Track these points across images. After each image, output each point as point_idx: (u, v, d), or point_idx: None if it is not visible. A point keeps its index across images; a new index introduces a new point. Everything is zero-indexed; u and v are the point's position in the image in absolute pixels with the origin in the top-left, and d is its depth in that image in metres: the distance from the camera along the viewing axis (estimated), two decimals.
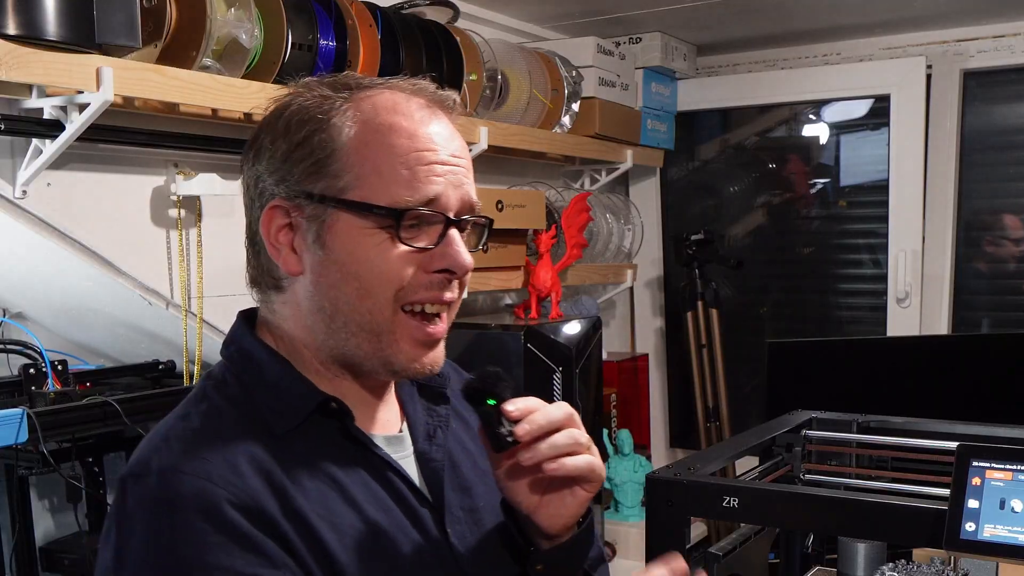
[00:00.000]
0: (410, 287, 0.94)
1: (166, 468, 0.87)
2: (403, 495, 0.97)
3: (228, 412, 0.94)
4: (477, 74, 2.41)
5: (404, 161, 0.93)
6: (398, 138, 0.94)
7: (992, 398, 2.34)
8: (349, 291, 0.94)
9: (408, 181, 0.93)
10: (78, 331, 2.13)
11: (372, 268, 0.93)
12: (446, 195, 0.94)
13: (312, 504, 0.90)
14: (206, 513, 0.84)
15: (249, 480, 0.87)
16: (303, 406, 0.95)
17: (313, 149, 0.94)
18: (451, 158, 0.96)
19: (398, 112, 0.96)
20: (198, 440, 0.90)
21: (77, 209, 1.77)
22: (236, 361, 1.00)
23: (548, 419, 0.93)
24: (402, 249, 0.93)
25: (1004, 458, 1.12)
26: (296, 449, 0.93)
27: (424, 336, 0.96)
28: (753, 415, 3.39)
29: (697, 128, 3.69)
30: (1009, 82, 3.17)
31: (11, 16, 1.44)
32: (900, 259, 3.20)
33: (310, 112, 0.95)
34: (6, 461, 1.81)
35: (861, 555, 1.41)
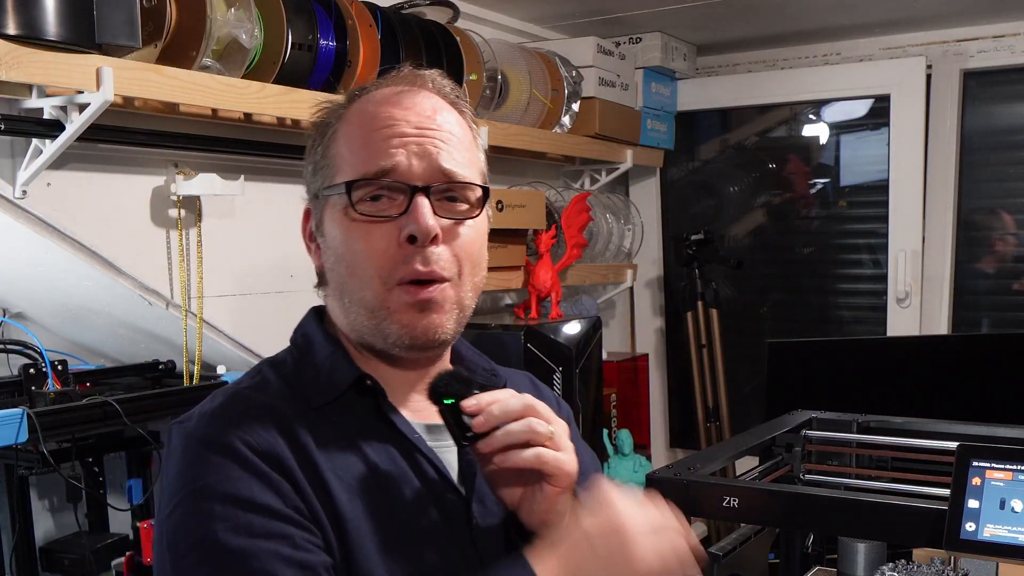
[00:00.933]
0: (391, 263, 0.97)
1: (205, 413, 0.97)
2: (429, 478, 1.00)
3: (275, 384, 1.01)
4: (477, 74, 2.41)
5: (365, 140, 0.99)
6: (361, 122, 1.01)
7: (992, 398, 2.34)
8: (342, 271, 1.00)
9: (365, 156, 0.98)
10: (78, 331, 2.13)
11: (350, 246, 0.99)
12: (406, 164, 0.97)
13: (333, 467, 0.94)
14: (231, 451, 0.91)
15: (273, 435, 0.93)
16: (341, 382, 1.00)
17: (315, 153, 1.04)
18: (416, 130, 0.99)
19: (374, 100, 1.02)
20: (239, 399, 0.98)
21: (77, 209, 1.77)
22: (298, 344, 1.07)
23: (503, 410, 0.94)
24: (365, 221, 0.97)
25: (1004, 458, 1.12)
26: (330, 421, 0.98)
27: (412, 298, 0.98)
28: (753, 415, 3.39)
29: (697, 128, 3.69)
30: (1009, 82, 3.17)
31: (11, 16, 1.44)
32: (900, 259, 3.20)
33: (317, 123, 1.06)
34: (6, 461, 1.81)
35: (861, 555, 1.41)
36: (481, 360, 1.16)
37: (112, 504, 1.97)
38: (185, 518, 0.90)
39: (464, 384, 0.96)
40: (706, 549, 1.43)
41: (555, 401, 1.24)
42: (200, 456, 0.92)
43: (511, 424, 0.94)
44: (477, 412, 0.94)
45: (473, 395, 0.95)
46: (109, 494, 2.02)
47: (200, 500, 0.89)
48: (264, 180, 2.12)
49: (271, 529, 0.88)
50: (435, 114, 1.01)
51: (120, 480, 2.04)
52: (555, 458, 0.95)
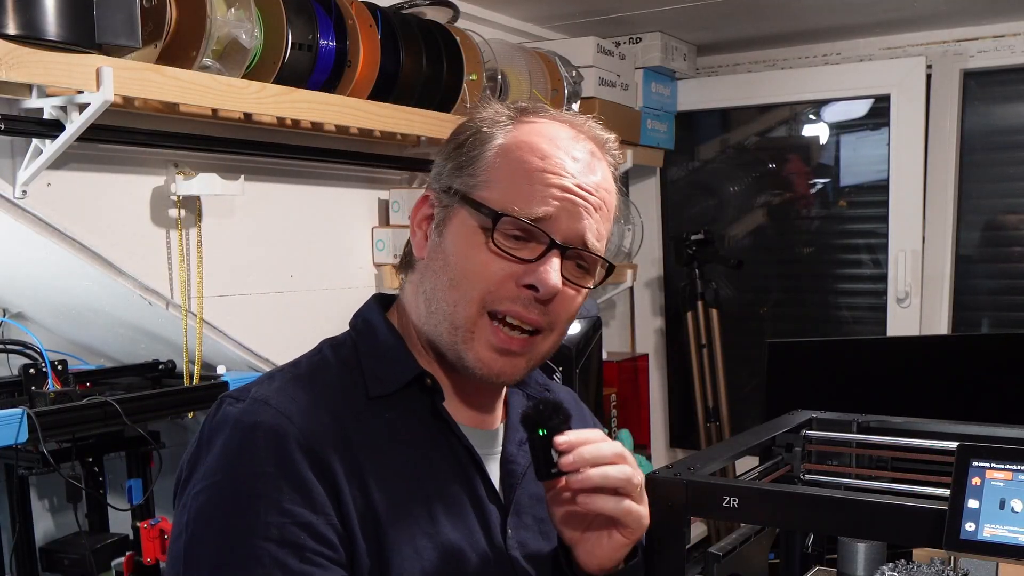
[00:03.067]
0: (497, 294, 0.98)
1: (258, 396, 0.95)
2: (474, 485, 1.01)
3: (334, 368, 1.01)
4: (477, 74, 2.41)
5: (529, 177, 0.99)
6: (533, 156, 1.00)
7: (992, 398, 2.34)
8: (444, 280, 1.00)
9: (525, 195, 0.98)
10: (78, 331, 2.13)
11: (465, 263, 0.99)
12: (557, 219, 0.98)
13: (378, 470, 0.94)
14: (275, 445, 0.91)
15: (324, 435, 0.93)
16: (401, 376, 1.01)
17: (466, 151, 1.03)
18: (578, 188, 0.99)
19: (544, 136, 1.02)
20: (296, 383, 0.98)
21: (77, 209, 1.77)
22: (358, 329, 1.07)
23: (595, 454, 0.94)
24: (496, 253, 0.97)
25: (1004, 458, 1.11)
26: (384, 415, 0.98)
27: (499, 341, 0.99)
28: (753, 415, 3.39)
29: (697, 128, 3.69)
30: (1009, 82, 3.17)
31: (11, 16, 1.44)
32: (900, 259, 3.20)
33: (476, 123, 1.05)
34: (6, 461, 1.81)
35: (861, 555, 1.41)
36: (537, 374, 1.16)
37: (112, 504, 1.97)
38: (211, 504, 0.90)
39: (561, 417, 0.96)
40: (706, 549, 1.43)
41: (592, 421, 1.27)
42: (244, 444, 0.91)
43: (609, 468, 0.94)
44: (568, 449, 0.94)
45: (565, 430, 0.95)
46: (109, 494, 2.02)
47: (230, 492, 0.90)
48: (264, 180, 2.12)
49: (286, 536, 0.88)
50: (595, 175, 1.02)
51: (120, 480, 2.04)
52: (639, 512, 0.97)
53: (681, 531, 1.28)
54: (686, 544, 1.30)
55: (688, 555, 1.30)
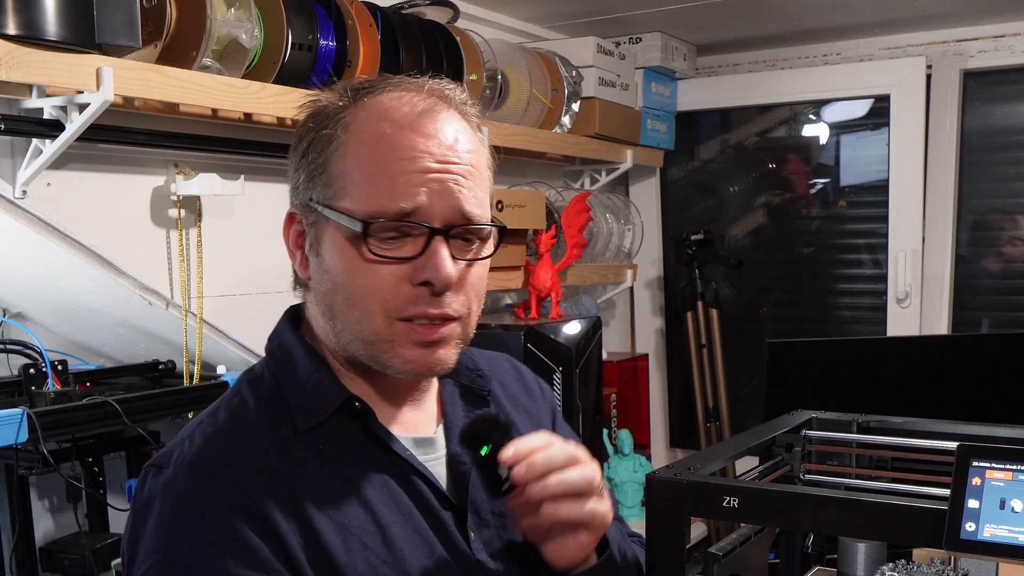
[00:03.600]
0: (396, 301, 0.92)
1: (182, 463, 0.90)
2: (425, 498, 0.97)
3: (255, 409, 0.95)
4: (477, 74, 2.41)
5: (384, 171, 0.92)
6: (380, 147, 0.92)
7: (992, 398, 2.34)
8: (340, 300, 0.95)
9: (387, 192, 0.91)
10: (78, 331, 2.13)
11: (355, 280, 0.93)
12: (429, 205, 0.91)
13: (322, 507, 0.90)
14: (207, 513, 0.86)
15: (257, 483, 0.88)
16: (328, 404, 0.95)
17: (312, 158, 0.96)
18: (439, 164, 0.92)
19: (386, 118, 0.94)
20: (217, 437, 0.92)
21: (77, 209, 1.77)
22: (276, 357, 1.01)
23: (547, 462, 0.91)
24: (378, 262, 0.91)
25: (1004, 458, 1.11)
26: (318, 448, 0.93)
27: (420, 336, 0.94)
28: (753, 415, 3.39)
29: (697, 128, 3.69)
30: (1009, 82, 3.17)
31: (11, 16, 1.44)
32: (900, 259, 3.20)
33: (314, 120, 0.97)
34: (6, 461, 1.81)
35: (861, 555, 1.41)
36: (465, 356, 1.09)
37: (112, 504, 1.97)
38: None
39: (501, 430, 0.92)
40: (706, 549, 1.43)
41: (537, 384, 1.22)
42: (176, 516, 0.87)
43: (566, 474, 0.91)
44: (515, 462, 0.90)
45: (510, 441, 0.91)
46: (109, 494, 2.02)
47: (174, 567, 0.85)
48: (264, 180, 2.12)
49: None
50: (456, 143, 0.95)
51: (120, 480, 2.04)
52: (603, 512, 0.94)
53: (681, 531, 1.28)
54: (686, 544, 1.30)
55: (688, 555, 1.30)
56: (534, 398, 1.19)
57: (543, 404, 1.21)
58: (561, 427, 1.21)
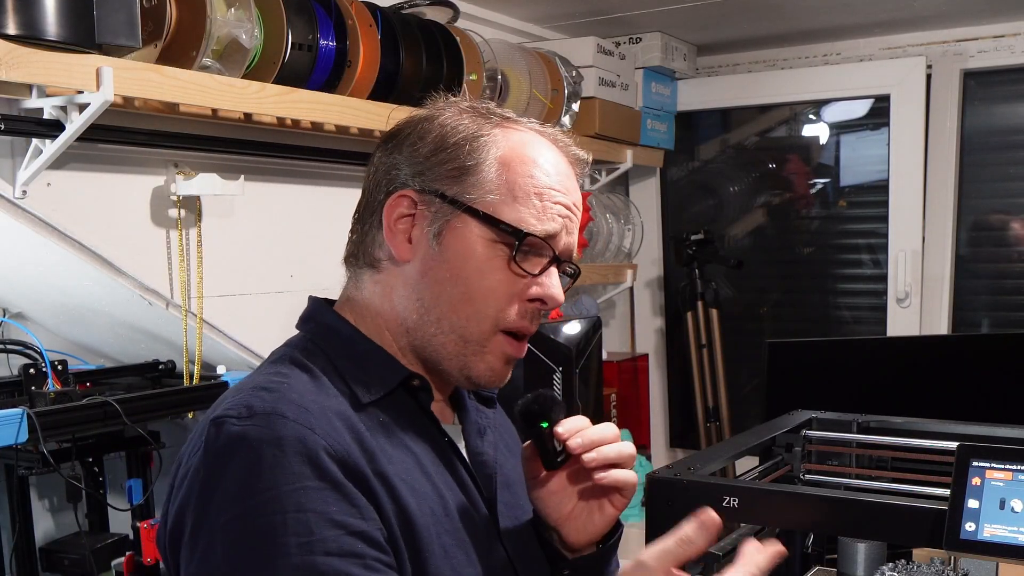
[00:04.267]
0: (510, 311, 1.01)
1: (270, 411, 0.89)
2: (464, 479, 1.03)
3: (317, 374, 0.98)
4: (477, 74, 2.41)
5: (539, 193, 1.01)
6: (538, 171, 1.02)
7: (992, 398, 2.34)
8: (454, 292, 1.00)
9: (537, 211, 1.00)
10: (78, 331, 2.13)
11: (481, 278, 0.99)
12: (560, 235, 1.02)
13: (395, 468, 0.94)
14: (307, 457, 0.86)
15: (344, 435, 0.91)
16: (390, 379, 1.00)
17: (461, 156, 1.02)
18: (573, 205, 1.04)
19: (540, 150, 1.04)
20: (294, 392, 0.92)
21: (77, 209, 1.77)
22: (319, 334, 1.03)
23: (599, 434, 1.00)
24: (511, 269, 1.00)
25: (1004, 458, 1.12)
26: (379, 418, 0.98)
27: (514, 353, 1.03)
28: (753, 415, 3.39)
29: (697, 128, 3.69)
30: (1009, 82, 3.18)
31: (11, 16, 1.44)
32: (900, 259, 3.20)
33: (464, 124, 1.04)
34: (6, 461, 1.81)
35: (861, 555, 1.41)
36: None
37: (112, 504, 1.97)
38: (250, 532, 0.84)
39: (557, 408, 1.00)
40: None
41: None
42: (275, 460, 0.85)
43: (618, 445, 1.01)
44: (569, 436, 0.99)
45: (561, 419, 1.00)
46: (109, 494, 2.02)
47: (271, 512, 0.84)
48: (264, 180, 2.12)
49: (344, 547, 0.85)
50: (579, 196, 1.07)
51: (120, 480, 2.04)
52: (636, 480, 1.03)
53: None
54: None
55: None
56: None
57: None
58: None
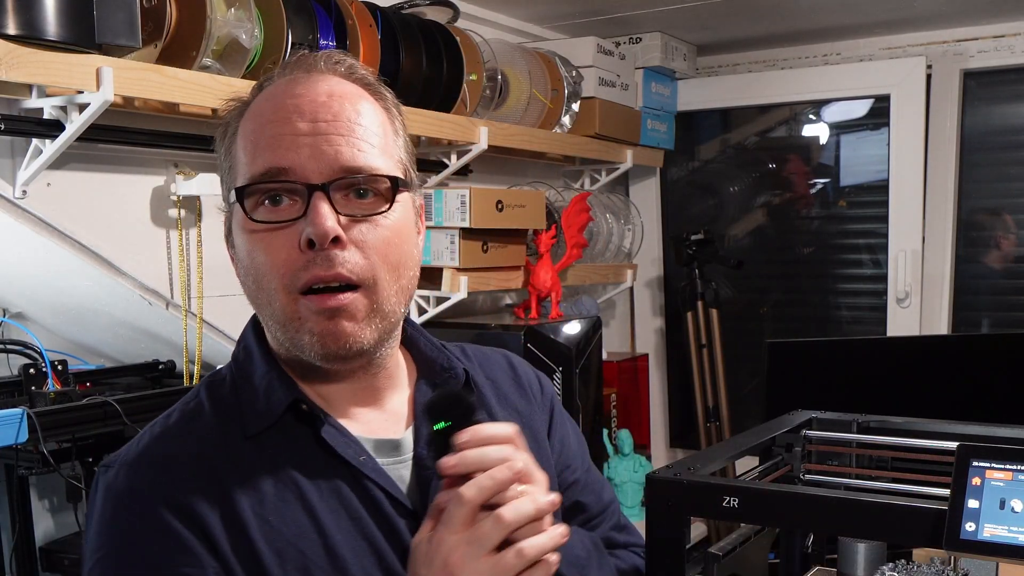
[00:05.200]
0: (290, 269, 0.89)
1: (125, 461, 0.92)
2: (378, 503, 0.93)
3: (208, 412, 0.95)
4: (477, 74, 2.41)
5: (254, 140, 0.92)
6: (255, 119, 0.93)
7: (992, 398, 2.34)
8: (251, 284, 0.94)
9: (259, 156, 0.91)
10: (78, 331, 2.13)
11: (254, 259, 0.92)
12: (302, 163, 0.89)
13: (260, 511, 0.89)
14: (141, 510, 0.88)
15: (191, 484, 0.89)
16: (275, 407, 0.93)
17: (222, 154, 0.97)
18: (310, 123, 0.90)
19: (271, 95, 0.94)
20: (163, 438, 0.93)
21: (77, 209, 1.77)
22: (238, 360, 1.00)
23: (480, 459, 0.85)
24: (261, 230, 0.90)
25: (1004, 458, 1.11)
26: (266, 452, 0.92)
27: (320, 303, 0.89)
28: (753, 415, 3.39)
29: (697, 128, 3.69)
30: (1009, 82, 3.18)
31: (11, 16, 1.44)
32: (900, 259, 3.20)
33: (224, 115, 0.99)
34: (6, 461, 1.81)
35: (861, 555, 1.41)
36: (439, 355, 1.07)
37: None
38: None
39: (465, 411, 0.88)
40: (706, 549, 1.43)
41: (536, 381, 1.19)
42: (118, 515, 0.89)
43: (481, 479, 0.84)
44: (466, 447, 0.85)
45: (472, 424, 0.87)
46: None
47: (117, 566, 0.87)
48: None
49: None
50: (332, 100, 0.92)
51: None
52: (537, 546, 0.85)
53: (681, 531, 1.28)
54: (686, 544, 1.30)
55: (688, 555, 1.30)
56: (528, 397, 1.16)
57: (538, 403, 1.17)
58: (559, 422, 1.18)
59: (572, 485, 1.16)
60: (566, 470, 1.16)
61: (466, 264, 2.36)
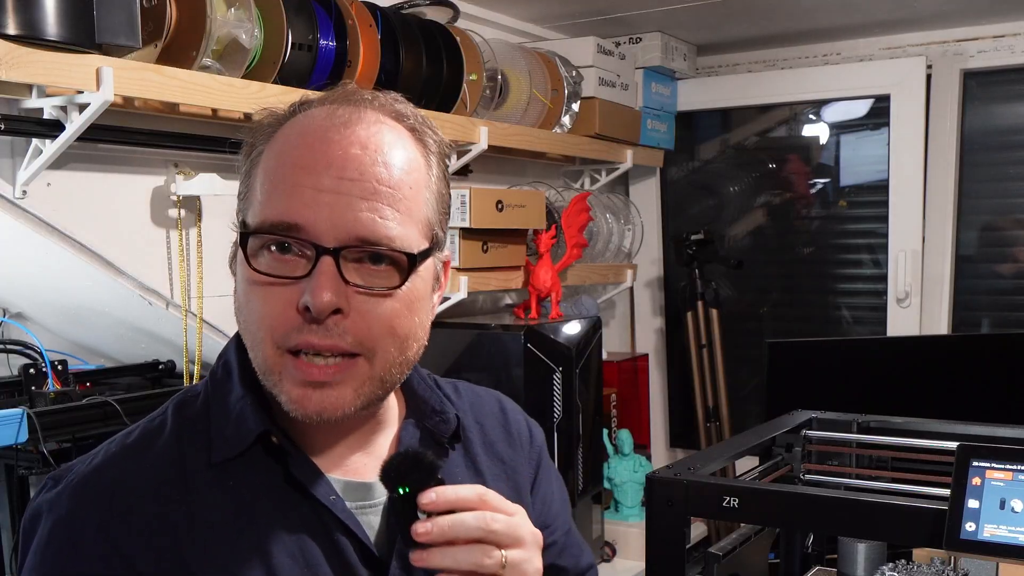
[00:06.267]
0: (282, 328, 0.84)
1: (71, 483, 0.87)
2: (341, 550, 0.88)
3: (170, 433, 0.89)
4: (477, 74, 2.41)
5: (280, 181, 0.84)
6: (283, 157, 0.85)
7: (992, 398, 2.34)
8: (241, 321, 0.89)
9: (276, 202, 0.84)
10: (78, 331, 2.13)
11: (249, 302, 0.86)
12: (317, 221, 0.82)
13: (208, 554, 0.84)
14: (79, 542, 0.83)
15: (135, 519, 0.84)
16: (245, 435, 0.87)
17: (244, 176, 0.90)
18: (335, 180, 0.83)
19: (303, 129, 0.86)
20: (115, 461, 0.88)
21: (77, 209, 1.77)
22: (216, 378, 0.94)
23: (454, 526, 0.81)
24: (261, 282, 0.84)
25: (1004, 458, 1.12)
26: (227, 484, 0.87)
27: (303, 374, 0.84)
28: (753, 415, 3.39)
29: (697, 128, 3.69)
30: (1009, 82, 3.17)
31: (11, 16, 1.44)
32: (900, 259, 3.20)
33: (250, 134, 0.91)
34: (6, 461, 1.81)
35: (861, 555, 1.41)
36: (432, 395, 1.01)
37: None
38: None
39: (424, 471, 0.82)
40: (706, 549, 1.43)
41: (527, 430, 1.13)
42: (52, 540, 0.84)
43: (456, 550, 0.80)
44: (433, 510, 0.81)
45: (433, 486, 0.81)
46: None
47: None
48: None
49: None
50: (364, 153, 0.84)
51: None
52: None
53: (681, 531, 1.28)
54: (686, 544, 1.30)
55: (688, 555, 1.30)
56: (515, 447, 1.09)
57: (525, 454, 1.11)
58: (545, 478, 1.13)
59: (550, 547, 1.08)
60: (545, 530, 1.05)
61: (466, 264, 2.36)
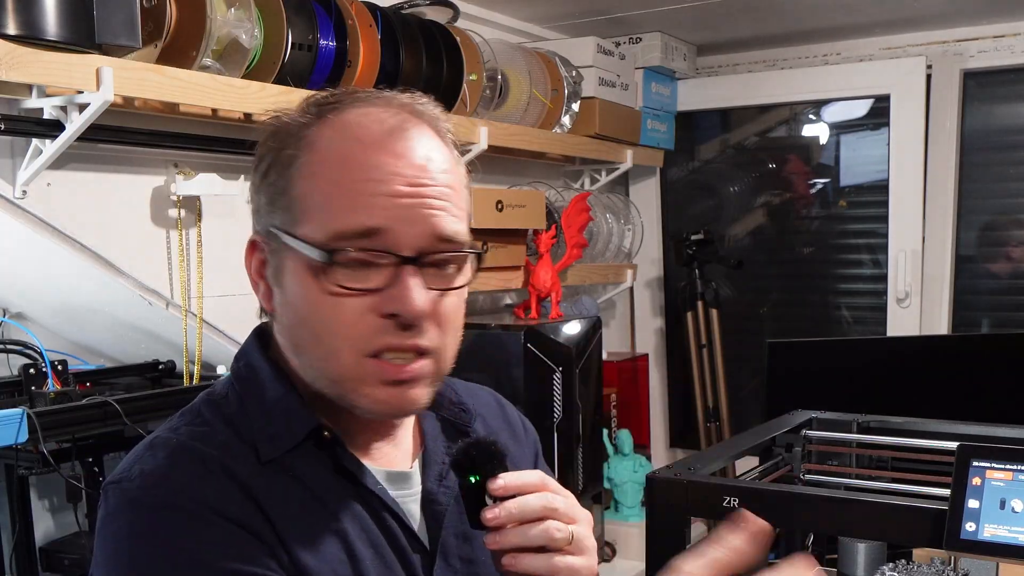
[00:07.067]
0: (365, 334, 0.85)
1: (150, 473, 0.85)
2: (395, 536, 0.92)
3: (219, 431, 0.90)
4: (477, 74, 2.41)
5: (347, 191, 0.85)
6: (346, 167, 0.86)
7: (992, 398, 2.34)
8: (305, 335, 0.89)
9: (350, 212, 0.84)
10: (78, 331, 2.13)
11: (319, 314, 0.86)
12: (397, 230, 0.84)
13: (295, 530, 0.86)
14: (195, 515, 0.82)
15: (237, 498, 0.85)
16: (295, 432, 0.90)
17: (272, 180, 0.89)
18: (410, 188, 0.85)
19: (353, 135, 0.87)
20: (187, 453, 0.87)
21: (77, 209, 1.77)
22: (242, 378, 0.95)
23: (521, 508, 0.84)
24: (344, 293, 0.85)
25: (1004, 458, 1.12)
26: (283, 477, 0.88)
27: (390, 374, 0.87)
28: (753, 415, 3.39)
29: (697, 128, 3.69)
30: (1009, 82, 3.18)
31: (11, 16, 1.44)
32: (900, 259, 3.20)
33: (275, 139, 0.91)
34: (6, 461, 1.81)
35: (861, 555, 1.41)
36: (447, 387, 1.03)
37: None
38: None
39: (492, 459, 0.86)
40: None
41: (521, 423, 1.16)
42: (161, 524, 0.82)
43: (527, 528, 0.84)
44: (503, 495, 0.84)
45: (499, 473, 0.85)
46: None
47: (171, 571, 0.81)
48: None
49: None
50: (429, 162, 0.87)
51: None
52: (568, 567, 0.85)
53: (681, 531, 1.28)
54: (686, 544, 1.30)
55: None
56: (517, 438, 1.13)
57: (526, 444, 1.15)
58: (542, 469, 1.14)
59: None
60: None
61: None
